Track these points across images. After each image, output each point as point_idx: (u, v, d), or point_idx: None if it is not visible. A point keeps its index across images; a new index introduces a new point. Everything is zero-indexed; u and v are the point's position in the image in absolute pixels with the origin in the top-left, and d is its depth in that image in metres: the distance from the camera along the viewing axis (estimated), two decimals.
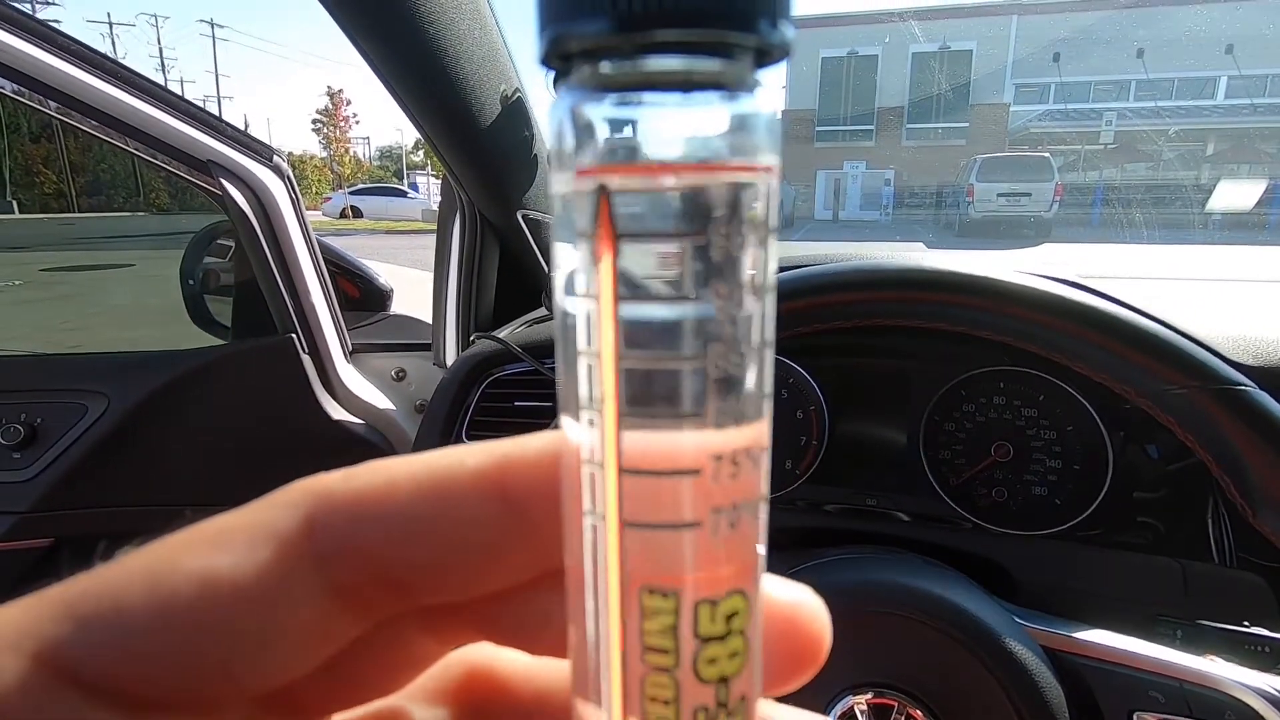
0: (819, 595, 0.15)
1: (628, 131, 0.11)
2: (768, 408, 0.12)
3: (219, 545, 0.13)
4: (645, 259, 0.11)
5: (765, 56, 0.12)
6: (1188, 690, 0.47)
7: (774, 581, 0.14)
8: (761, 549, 0.12)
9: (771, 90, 0.12)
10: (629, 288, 0.11)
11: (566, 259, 0.11)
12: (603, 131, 0.11)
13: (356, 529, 0.13)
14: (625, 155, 0.11)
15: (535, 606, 0.14)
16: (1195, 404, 0.49)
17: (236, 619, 0.12)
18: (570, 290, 0.12)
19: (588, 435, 0.12)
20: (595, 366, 0.11)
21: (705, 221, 0.11)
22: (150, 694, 0.12)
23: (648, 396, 0.11)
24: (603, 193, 0.11)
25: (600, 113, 0.11)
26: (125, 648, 0.12)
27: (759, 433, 0.12)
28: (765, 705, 0.13)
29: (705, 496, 0.11)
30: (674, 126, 0.11)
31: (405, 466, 0.14)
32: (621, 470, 0.12)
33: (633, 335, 0.11)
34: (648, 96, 0.11)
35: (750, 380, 0.12)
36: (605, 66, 0.11)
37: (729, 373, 0.11)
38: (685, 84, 0.11)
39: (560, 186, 0.11)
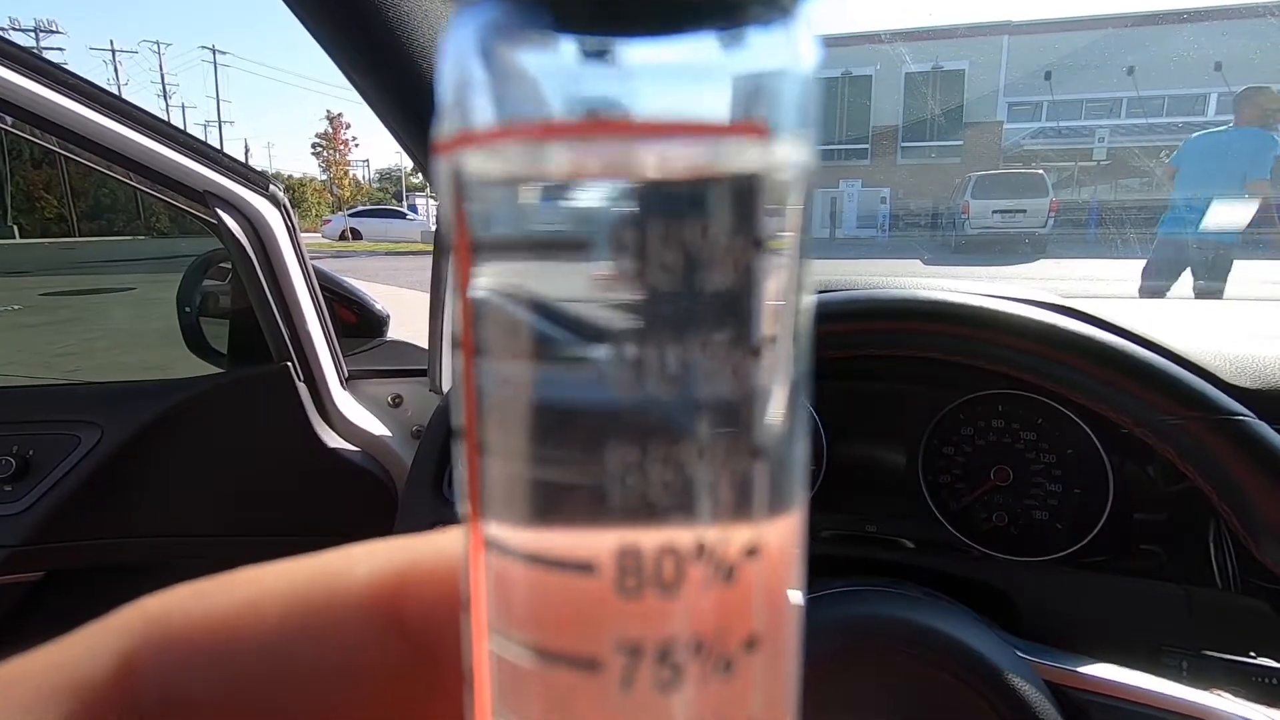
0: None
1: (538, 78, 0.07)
2: (760, 570, 0.07)
3: None
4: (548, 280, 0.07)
5: None
6: None
7: None
8: None
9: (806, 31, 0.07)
10: (507, 336, 0.07)
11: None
12: (487, 76, 0.07)
13: (192, 674, 0.10)
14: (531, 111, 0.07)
15: None
16: (1193, 435, 0.48)
17: None
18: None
19: (460, 560, 0.08)
20: (459, 455, 0.08)
21: (641, 227, 0.07)
22: None
23: (523, 520, 0.07)
24: (458, 182, 0.07)
25: (500, 43, 0.07)
26: None
27: (730, 612, 0.07)
28: None
29: (608, 712, 0.07)
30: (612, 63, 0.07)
31: (277, 580, 0.11)
32: (489, 631, 0.08)
33: (500, 411, 0.07)
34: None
35: (700, 516, 0.07)
36: None
37: (649, 499, 0.07)
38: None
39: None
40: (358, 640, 0.10)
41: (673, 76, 0.06)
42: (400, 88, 0.70)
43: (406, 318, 1.45)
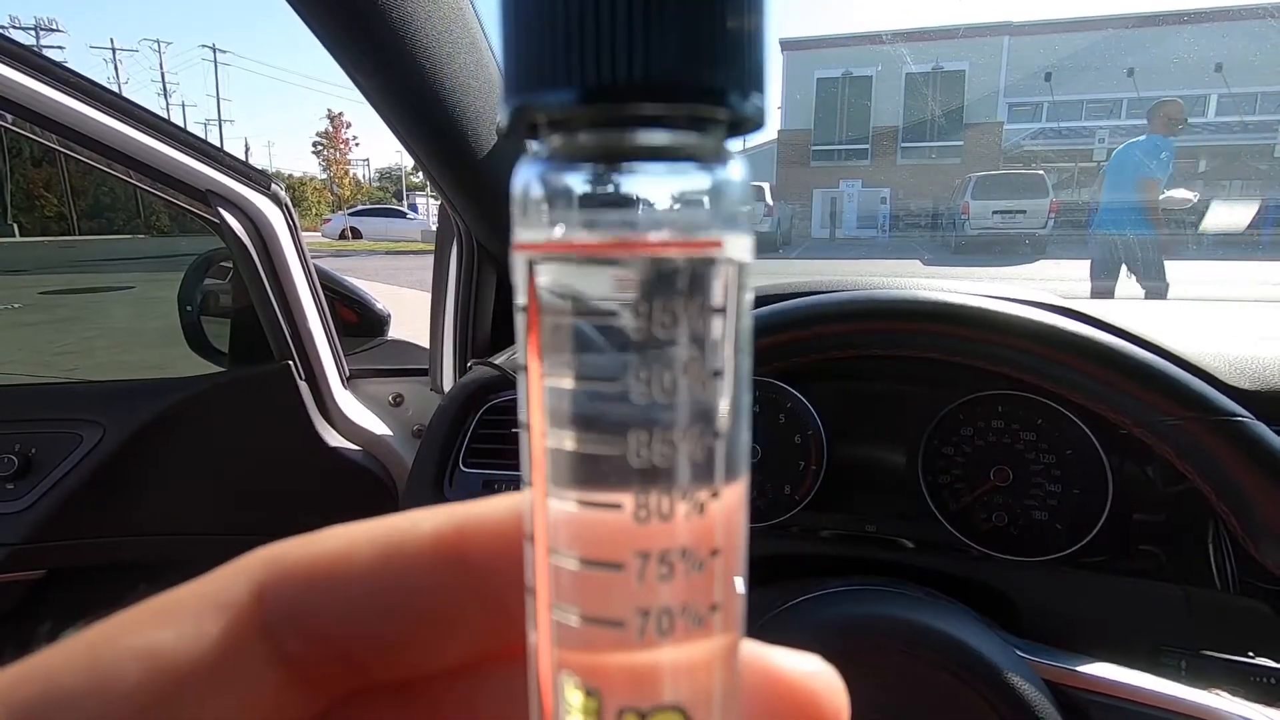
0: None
1: (568, 205, 0.11)
2: (720, 507, 0.11)
3: (163, 620, 0.12)
4: (586, 333, 0.11)
5: (738, 128, 0.12)
6: None
7: (782, 652, 0.13)
8: (725, 669, 0.11)
9: (736, 160, 0.12)
10: (562, 363, 0.11)
11: (519, 323, 0.11)
12: (544, 203, 0.11)
13: (309, 599, 0.13)
14: (568, 229, 0.11)
15: (498, 685, 0.14)
16: (1192, 435, 0.49)
17: (181, 697, 0.12)
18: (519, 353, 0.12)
19: (525, 507, 0.12)
20: (525, 440, 0.11)
21: (645, 302, 0.10)
22: None
23: (573, 478, 0.11)
24: (530, 270, 0.11)
25: (551, 183, 0.11)
26: None
27: (702, 533, 0.11)
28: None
29: (628, 595, 0.11)
30: (628, 198, 0.11)
31: (365, 531, 0.13)
32: (549, 550, 0.11)
33: (557, 412, 0.11)
34: (591, 169, 0.11)
35: (683, 474, 0.11)
36: (559, 140, 0.11)
37: (654, 464, 0.11)
38: (660, 155, 0.11)
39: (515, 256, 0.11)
40: (432, 581, 0.13)
41: (654, 196, 0.11)
42: (403, 88, 0.70)
43: (407, 317, 1.46)
